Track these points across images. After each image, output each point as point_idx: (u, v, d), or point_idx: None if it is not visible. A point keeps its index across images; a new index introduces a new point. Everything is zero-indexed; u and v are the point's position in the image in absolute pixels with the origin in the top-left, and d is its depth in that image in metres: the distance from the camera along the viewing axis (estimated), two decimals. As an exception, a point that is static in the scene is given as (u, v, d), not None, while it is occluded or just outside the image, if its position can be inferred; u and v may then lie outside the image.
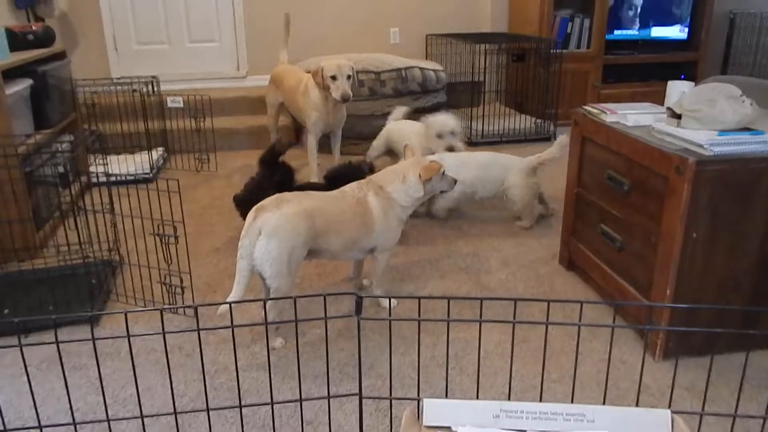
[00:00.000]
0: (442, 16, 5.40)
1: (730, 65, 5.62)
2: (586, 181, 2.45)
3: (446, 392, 1.70)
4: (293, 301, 1.34)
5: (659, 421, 1.12)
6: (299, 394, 1.44)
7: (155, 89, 4.21)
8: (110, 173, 2.41)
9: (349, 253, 2.20)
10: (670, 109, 2.07)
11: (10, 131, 2.68)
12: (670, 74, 4.95)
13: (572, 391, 1.50)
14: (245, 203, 2.48)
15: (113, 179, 2.40)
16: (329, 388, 1.83)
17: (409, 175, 2.22)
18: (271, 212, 1.96)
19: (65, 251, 2.63)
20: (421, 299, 1.76)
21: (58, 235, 2.98)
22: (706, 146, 1.84)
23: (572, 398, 1.53)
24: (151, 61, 5.06)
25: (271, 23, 4.75)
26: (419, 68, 4.54)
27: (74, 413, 1.80)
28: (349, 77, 3.41)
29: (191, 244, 2.91)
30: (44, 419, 1.78)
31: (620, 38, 5.24)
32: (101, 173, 2.41)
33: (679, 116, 2.02)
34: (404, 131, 3.48)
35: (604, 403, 1.30)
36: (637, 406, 1.36)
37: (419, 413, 1.16)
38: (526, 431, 1.14)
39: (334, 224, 2.08)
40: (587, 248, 2.46)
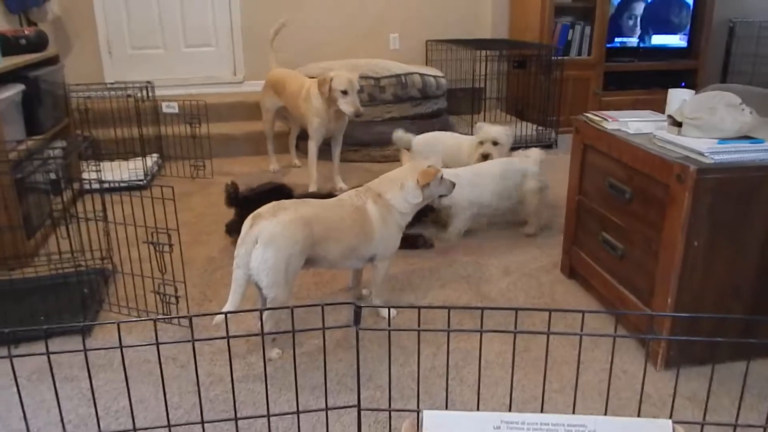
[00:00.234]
0: (442, 21, 5.43)
1: (729, 74, 5.68)
2: (587, 188, 2.47)
3: (446, 403, 1.71)
4: (290, 311, 1.35)
5: (661, 431, 1.14)
6: (296, 406, 1.45)
7: (150, 94, 4.22)
8: (103, 180, 2.42)
9: (347, 261, 2.20)
10: (670, 116, 2.09)
11: (1, 137, 2.69)
12: (670, 82, 5.01)
13: (573, 401, 1.51)
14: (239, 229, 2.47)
15: (106, 186, 2.41)
16: (327, 399, 1.82)
17: (407, 181, 2.23)
18: (267, 220, 1.97)
19: (57, 260, 2.63)
20: (420, 309, 1.76)
21: (49, 243, 2.98)
22: (706, 154, 1.86)
23: (573, 409, 1.54)
24: (145, 65, 5.07)
25: (268, 28, 4.76)
26: (419, 74, 4.56)
27: (65, 426, 1.80)
28: (358, 91, 3.45)
29: (186, 252, 2.91)
30: (34, 431, 1.78)
31: (621, 46, 5.29)
32: (94, 180, 2.42)
33: (679, 124, 2.04)
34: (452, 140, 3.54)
35: (605, 413, 1.32)
36: (638, 416, 1.37)
37: (419, 425, 1.17)
38: (526, 442, 1.15)
39: (332, 232, 2.09)
40: (588, 256, 2.48)
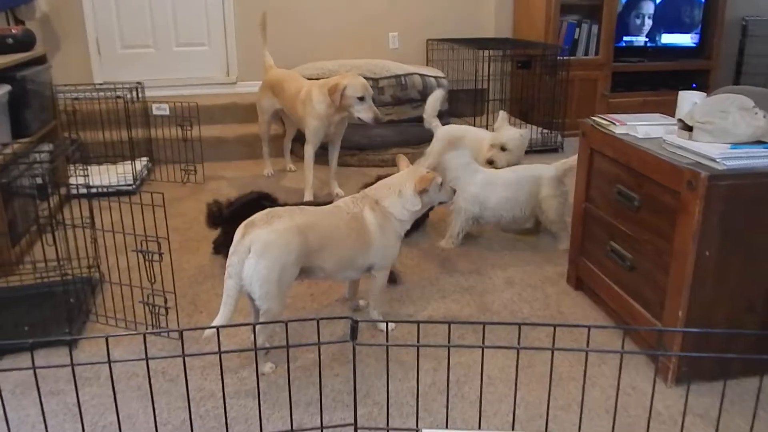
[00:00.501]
0: (443, 20, 5.44)
1: (742, 74, 5.67)
2: (594, 196, 2.47)
3: (447, 421, 1.70)
4: (284, 324, 1.35)
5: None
6: (290, 423, 1.44)
7: (140, 96, 4.22)
8: (91, 185, 2.41)
9: (344, 272, 2.20)
10: (681, 120, 2.09)
11: (-15, 141, 2.69)
12: (681, 83, 5.01)
13: (579, 419, 1.51)
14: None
15: (94, 191, 2.40)
16: (322, 417, 1.82)
17: (405, 188, 2.23)
18: (261, 228, 1.96)
19: (42, 268, 2.62)
20: (420, 324, 1.75)
21: (35, 250, 2.98)
22: (718, 160, 1.86)
23: (579, 427, 1.54)
24: (135, 65, 5.08)
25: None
26: (419, 75, 4.57)
27: (50, 442, 1.79)
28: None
29: (176, 261, 2.91)
30: (18, 448, 1.78)
31: (629, 45, 5.29)
32: (82, 185, 2.42)
33: (690, 128, 2.03)
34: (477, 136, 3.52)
35: (613, 431, 1.31)
36: (647, 436, 1.37)
37: (417, 444, 1.16)
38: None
39: (328, 240, 2.09)
40: (596, 267, 2.47)
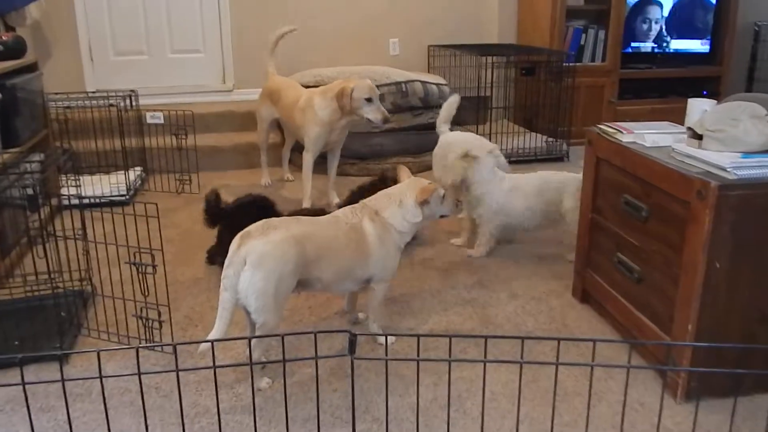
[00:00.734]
0: (445, 26, 5.47)
1: (755, 81, 5.68)
2: (601, 206, 2.48)
3: (448, 438, 1.70)
4: (281, 338, 1.35)
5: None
6: (287, 439, 1.44)
7: (133, 104, 4.25)
8: (83, 195, 2.43)
9: (342, 283, 2.21)
10: (690, 128, 2.10)
11: (-25, 150, 2.71)
12: (691, 90, 5.02)
13: (586, 437, 1.51)
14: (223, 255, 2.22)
15: (86, 202, 2.41)
16: (320, 433, 1.82)
17: (406, 198, 2.24)
18: (257, 239, 1.97)
19: (33, 281, 2.63)
20: (420, 337, 1.75)
21: (25, 263, 2.98)
22: (729, 169, 1.87)
23: (586, 445, 1.54)
24: (129, 72, 5.11)
25: (261, 32, 4.80)
26: (421, 82, 4.59)
27: (39, 460, 1.79)
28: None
29: (170, 273, 2.91)
30: (6, 467, 1.78)
31: (637, 51, 5.31)
32: (73, 195, 2.43)
33: (700, 137, 2.04)
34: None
35: (620, 450, 1.31)
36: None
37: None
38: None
39: (325, 251, 2.09)
40: (603, 279, 2.48)
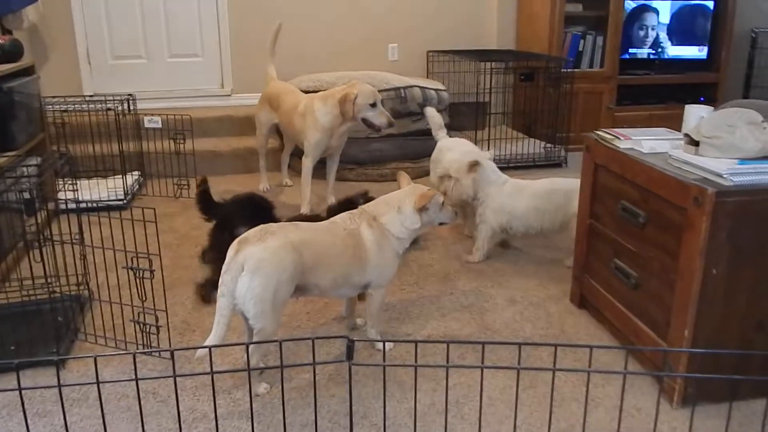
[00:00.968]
0: (444, 31, 5.49)
1: (752, 87, 5.71)
2: (598, 212, 2.49)
3: (445, 444, 1.71)
4: (279, 343, 1.36)
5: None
6: (284, 445, 1.45)
7: (131, 108, 4.25)
8: (80, 200, 2.43)
9: (340, 289, 2.21)
10: (687, 135, 2.12)
11: (-28, 154, 2.72)
12: (688, 96, 5.05)
13: (583, 443, 1.52)
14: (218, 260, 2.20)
15: (84, 206, 2.42)
16: (317, 438, 1.83)
17: (404, 205, 2.25)
18: (254, 245, 1.98)
19: (29, 285, 2.63)
20: (418, 343, 1.76)
21: (21, 267, 2.99)
22: (725, 176, 1.88)
23: (583, 451, 1.55)
24: (127, 76, 5.11)
25: (259, 37, 4.81)
26: (419, 87, 4.61)
27: (36, 466, 1.80)
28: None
29: (168, 278, 2.92)
30: (3, 472, 1.78)
31: (635, 57, 5.34)
32: (71, 200, 2.44)
33: (697, 143, 2.06)
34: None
35: (616, 456, 1.32)
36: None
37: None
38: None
39: (323, 258, 2.10)
40: (600, 285, 2.49)
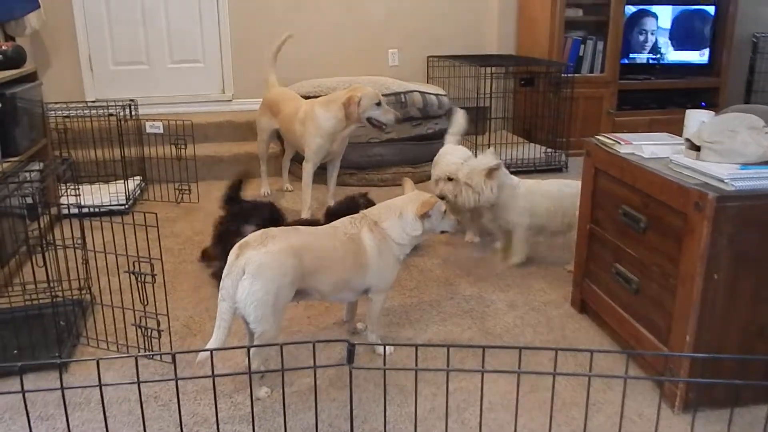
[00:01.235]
0: (444, 36, 5.50)
1: (753, 92, 5.71)
2: (599, 217, 2.50)
3: (446, 448, 1.71)
4: (279, 347, 1.37)
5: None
6: (285, 449, 1.45)
7: (133, 113, 4.26)
8: (83, 204, 2.44)
9: (340, 294, 2.22)
10: (688, 140, 2.12)
11: (-25, 159, 2.72)
12: (689, 101, 5.06)
13: (584, 447, 1.52)
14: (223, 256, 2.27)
15: (86, 211, 2.43)
16: (318, 443, 1.83)
17: (406, 211, 2.25)
18: (255, 250, 1.98)
19: (32, 290, 2.64)
20: (418, 347, 1.76)
21: (24, 272, 3.00)
22: (727, 181, 1.89)
23: (584, 455, 1.55)
24: (129, 82, 5.13)
25: (260, 43, 4.83)
26: (420, 92, 4.61)
27: (37, 470, 1.80)
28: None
29: (169, 282, 2.92)
30: (4, 476, 1.79)
31: (636, 62, 5.34)
32: (73, 204, 2.44)
33: (698, 148, 2.06)
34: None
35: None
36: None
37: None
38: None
39: (324, 262, 2.11)
40: (601, 290, 2.49)
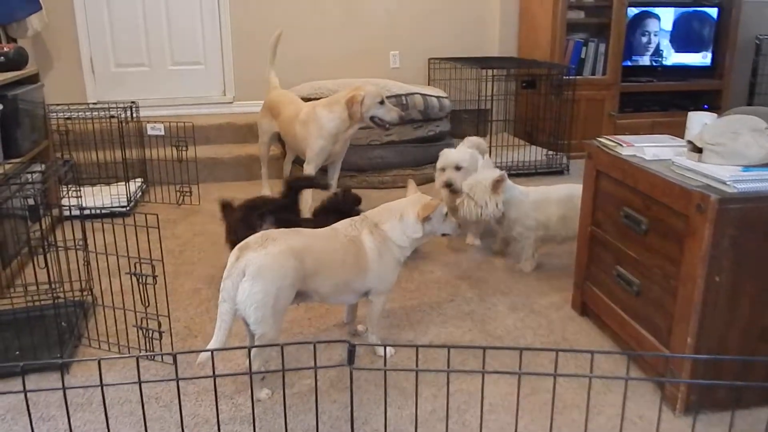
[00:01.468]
0: (445, 38, 5.51)
1: (756, 95, 5.71)
2: (600, 219, 2.50)
3: (447, 450, 1.71)
4: (280, 348, 1.37)
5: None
6: (286, 450, 1.45)
7: (134, 115, 4.27)
8: (84, 206, 2.45)
9: (340, 296, 2.22)
10: (690, 142, 2.13)
11: (-23, 160, 2.73)
12: (692, 103, 5.05)
13: (585, 449, 1.52)
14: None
15: (87, 213, 2.44)
16: (319, 444, 1.83)
17: (407, 213, 2.25)
18: (255, 251, 1.99)
19: (34, 291, 2.64)
20: (419, 348, 1.76)
21: (26, 273, 3.00)
22: (729, 183, 1.89)
23: (585, 457, 1.55)
24: (130, 84, 5.14)
25: (261, 44, 4.83)
26: (421, 94, 4.62)
27: (38, 471, 1.80)
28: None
29: (170, 284, 2.93)
30: (5, 477, 1.79)
31: (638, 65, 5.34)
32: (74, 206, 2.45)
33: (700, 150, 2.07)
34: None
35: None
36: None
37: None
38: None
39: (324, 264, 2.11)
40: (602, 292, 2.49)
